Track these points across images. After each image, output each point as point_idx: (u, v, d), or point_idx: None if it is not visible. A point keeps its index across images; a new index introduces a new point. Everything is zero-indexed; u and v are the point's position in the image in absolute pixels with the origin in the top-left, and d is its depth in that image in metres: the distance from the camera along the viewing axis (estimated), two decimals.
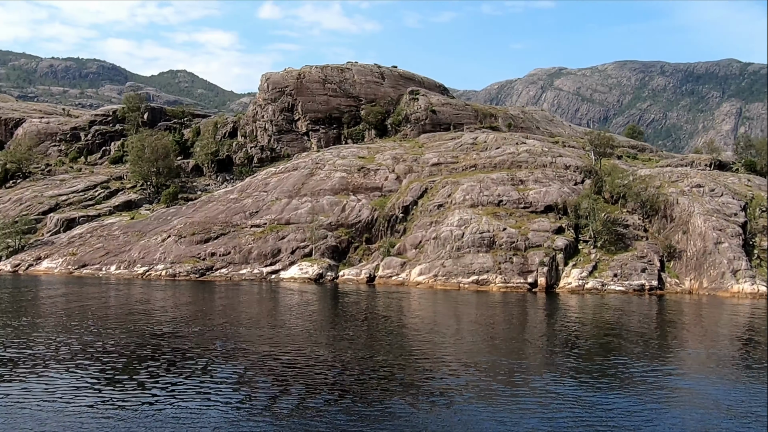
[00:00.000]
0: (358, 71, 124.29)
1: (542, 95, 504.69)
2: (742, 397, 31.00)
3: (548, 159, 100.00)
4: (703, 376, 35.31)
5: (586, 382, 32.98)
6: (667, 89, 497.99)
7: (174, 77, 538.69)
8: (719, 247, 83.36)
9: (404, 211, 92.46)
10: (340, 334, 45.26)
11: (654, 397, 30.39)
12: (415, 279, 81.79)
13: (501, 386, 31.38)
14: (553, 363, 37.52)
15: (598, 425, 25.96)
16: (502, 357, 38.73)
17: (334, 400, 28.38)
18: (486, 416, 26.57)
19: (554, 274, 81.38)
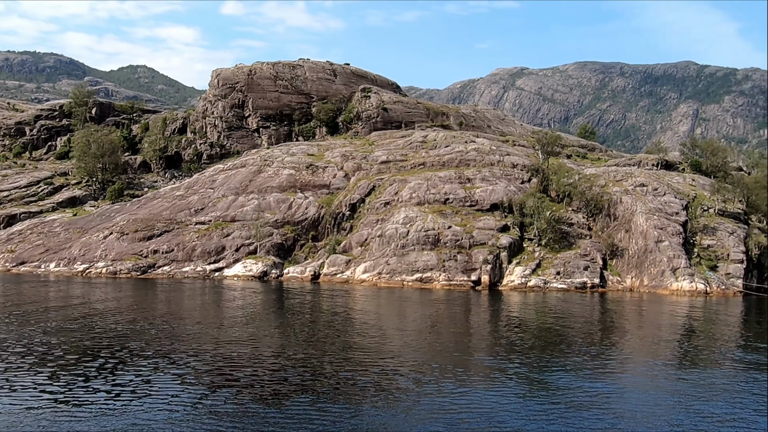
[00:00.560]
0: (310, 68, 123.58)
1: (504, 95, 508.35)
2: (683, 394, 31.35)
3: (496, 158, 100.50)
4: (643, 374, 35.57)
5: (529, 380, 33.01)
6: (627, 90, 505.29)
7: (134, 72, 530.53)
8: (660, 245, 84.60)
9: (351, 209, 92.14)
10: (284, 333, 44.61)
11: (597, 394, 30.54)
12: (359, 277, 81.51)
13: (447, 384, 31.14)
14: (495, 361, 37.40)
15: (542, 421, 25.99)
16: (446, 355, 38.59)
17: (279, 400, 27.88)
18: (432, 414, 26.37)
19: (498, 272, 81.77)
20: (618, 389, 31.68)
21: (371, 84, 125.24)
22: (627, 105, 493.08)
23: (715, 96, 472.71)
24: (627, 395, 30.58)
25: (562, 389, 30.82)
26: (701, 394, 30.65)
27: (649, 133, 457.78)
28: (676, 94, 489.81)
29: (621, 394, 30.73)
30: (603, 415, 26.94)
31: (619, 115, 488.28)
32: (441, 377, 32.29)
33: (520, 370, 34.80)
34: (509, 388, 30.79)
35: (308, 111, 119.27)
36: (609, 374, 34.71)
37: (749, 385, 32.86)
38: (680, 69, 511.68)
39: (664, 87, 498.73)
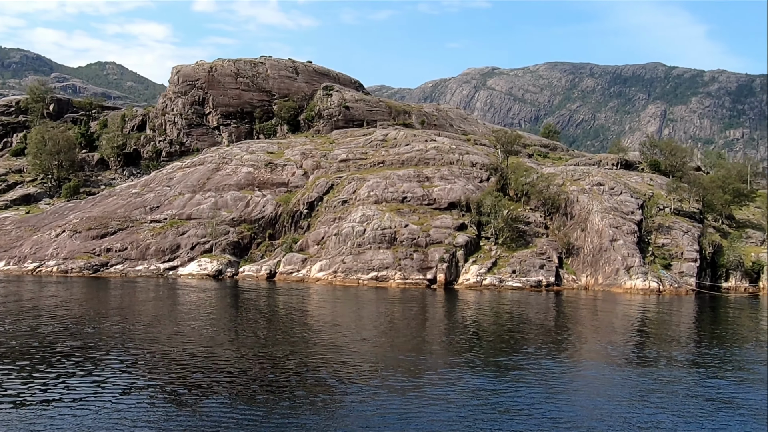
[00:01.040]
0: (272, 66, 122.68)
1: (475, 94, 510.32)
2: (637, 390, 31.47)
3: (455, 156, 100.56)
4: (595, 373, 35.53)
5: (483, 379, 32.85)
6: (596, 90, 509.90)
7: (102, 69, 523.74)
8: (615, 244, 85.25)
9: (309, 207, 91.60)
10: (235, 332, 43.80)
11: (551, 391, 30.52)
12: (315, 275, 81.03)
13: (402, 383, 30.94)
14: (451, 359, 37.24)
15: (498, 419, 25.90)
16: (401, 354, 38.24)
17: (235, 399, 27.42)
18: (388, 412, 26.19)
19: (454, 270, 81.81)
20: (572, 387, 31.68)
21: (334, 82, 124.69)
22: (596, 105, 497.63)
23: (682, 97, 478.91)
24: (580, 393, 30.65)
25: (515, 388, 30.79)
26: (652, 394, 30.72)
27: (618, 133, 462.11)
28: (645, 95, 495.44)
29: (575, 392, 30.75)
30: (557, 413, 26.95)
31: (589, 115, 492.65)
32: (396, 376, 32.04)
33: (474, 368, 34.70)
34: (464, 387, 30.65)
35: (269, 109, 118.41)
36: (562, 373, 34.63)
37: (699, 384, 33.12)
38: (649, 70, 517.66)
39: (633, 88, 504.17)
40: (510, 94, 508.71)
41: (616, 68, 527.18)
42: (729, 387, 32.54)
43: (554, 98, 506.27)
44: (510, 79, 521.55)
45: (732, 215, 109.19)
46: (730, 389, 32.10)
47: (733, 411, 28.22)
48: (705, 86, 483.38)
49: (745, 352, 43.00)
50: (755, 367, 37.88)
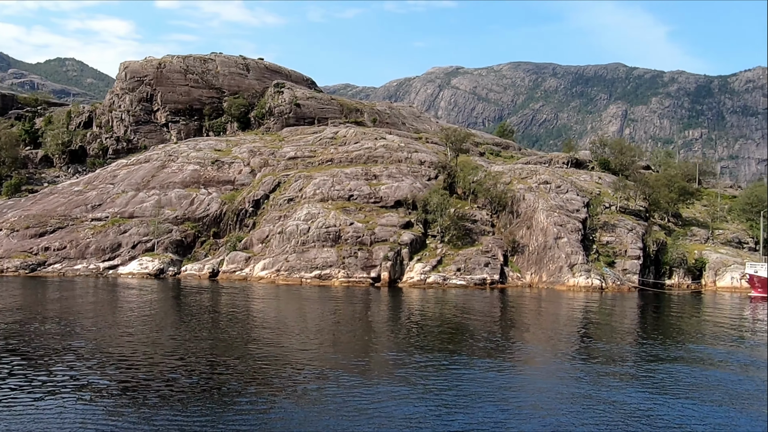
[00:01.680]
0: (222, 62, 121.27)
1: (440, 93, 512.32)
2: (578, 388, 31.24)
3: (404, 154, 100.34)
4: (535, 370, 35.16)
5: (429, 376, 32.33)
6: (559, 90, 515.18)
7: (62, 65, 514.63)
8: (559, 242, 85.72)
9: (255, 205, 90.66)
10: (175, 333, 42.29)
11: (496, 389, 30.09)
12: (258, 274, 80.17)
13: (349, 382, 30.31)
14: (393, 358, 36.48)
15: (444, 417, 25.49)
16: (346, 353, 37.51)
17: (174, 402, 26.40)
18: (335, 412, 25.64)
19: (398, 268, 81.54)
20: (516, 385, 31.26)
21: (285, 79, 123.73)
22: (559, 105, 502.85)
23: (643, 97, 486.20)
24: (522, 390, 30.34)
25: (458, 386, 30.37)
26: (594, 391, 30.60)
27: (580, 132, 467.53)
28: (606, 95, 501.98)
29: (518, 389, 30.40)
30: (499, 411, 26.62)
31: (552, 114, 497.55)
32: (342, 375, 31.38)
33: (420, 367, 34.14)
34: (411, 385, 30.15)
35: (219, 106, 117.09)
36: (506, 371, 34.22)
37: (639, 381, 33.06)
38: (610, 71, 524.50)
39: (595, 88, 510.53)
40: (474, 93, 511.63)
41: (579, 68, 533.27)
42: (667, 382, 32.71)
43: (518, 98, 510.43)
44: (474, 79, 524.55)
45: (679, 213, 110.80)
46: (668, 384, 32.32)
47: (671, 405, 28.36)
48: (665, 87, 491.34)
49: (681, 348, 43.26)
50: (696, 363, 38.17)
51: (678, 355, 40.05)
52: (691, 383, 32.47)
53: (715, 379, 33.77)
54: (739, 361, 39.21)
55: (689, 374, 34.85)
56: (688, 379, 33.40)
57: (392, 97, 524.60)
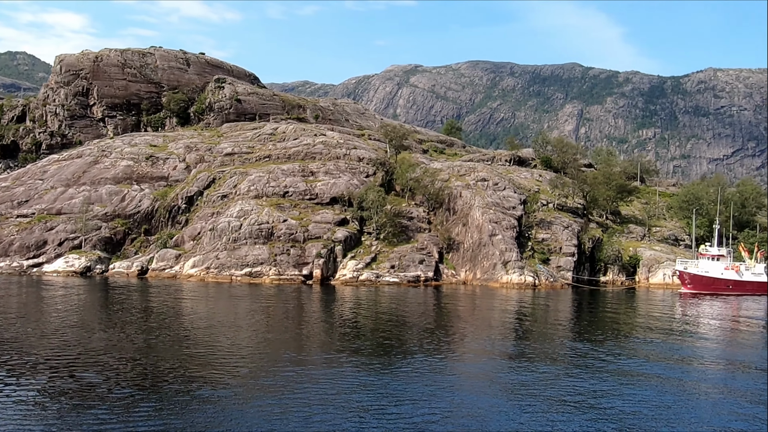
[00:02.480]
0: (162, 56, 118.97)
1: (398, 91, 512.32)
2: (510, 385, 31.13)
3: (342, 151, 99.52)
4: (464, 364, 34.77)
5: (363, 375, 31.85)
6: (516, 89, 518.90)
7: (12, 59, 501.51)
8: (494, 239, 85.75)
9: (188, 202, 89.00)
10: (97, 333, 40.76)
11: (428, 387, 29.76)
12: (187, 272, 78.66)
13: (281, 382, 29.64)
14: (328, 356, 35.86)
15: (378, 417, 25.10)
16: (278, 352, 36.60)
17: (97, 407, 25.42)
18: (267, 413, 25.14)
19: (332, 265, 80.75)
20: (447, 383, 30.96)
21: (227, 75, 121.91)
22: (516, 104, 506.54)
23: (598, 97, 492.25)
24: (456, 390, 30.00)
25: (393, 385, 29.96)
26: (526, 389, 30.48)
27: (537, 131, 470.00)
28: (563, 95, 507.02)
29: (450, 389, 30.02)
30: (429, 411, 26.30)
31: (509, 113, 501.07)
32: (275, 376, 30.86)
33: (353, 366, 33.71)
34: (344, 385, 29.74)
35: (158, 101, 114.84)
36: (436, 369, 33.81)
37: (568, 379, 32.92)
38: (566, 70, 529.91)
39: (552, 87, 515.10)
40: (432, 91, 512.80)
41: (536, 68, 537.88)
42: (599, 378, 32.98)
43: (476, 96, 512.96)
44: (432, 77, 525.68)
45: (618, 211, 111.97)
46: (601, 380, 32.59)
47: (604, 403, 28.47)
48: (619, 87, 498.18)
49: (606, 345, 43.35)
50: (621, 359, 38.42)
51: (605, 351, 40.28)
52: (620, 378, 32.82)
53: (647, 371, 34.40)
54: (667, 355, 39.75)
55: (618, 368, 35.24)
56: (618, 373, 33.85)
57: (351, 94, 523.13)
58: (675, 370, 35.21)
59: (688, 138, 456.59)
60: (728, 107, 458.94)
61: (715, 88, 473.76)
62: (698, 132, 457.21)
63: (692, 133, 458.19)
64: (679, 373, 34.70)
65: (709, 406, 28.57)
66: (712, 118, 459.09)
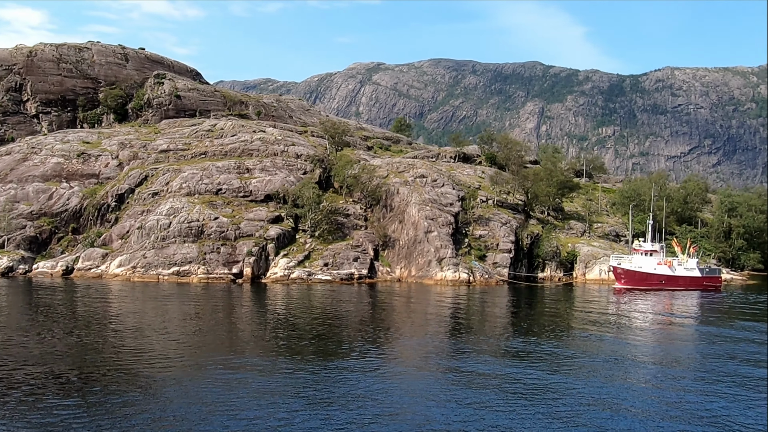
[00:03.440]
0: (99, 51, 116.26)
1: (361, 89, 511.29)
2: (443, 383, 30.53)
3: (280, 147, 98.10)
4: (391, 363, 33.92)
5: (296, 376, 30.88)
6: (478, 87, 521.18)
7: None
8: (429, 236, 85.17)
9: (118, 200, 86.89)
10: (16, 336, 39.45)
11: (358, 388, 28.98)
12: (113, 271, 76.71)
13: (212, 385, 28.57)
14: (257, 359, 34.53)
15: (309, 419, 24.35)
16: (207, 354, 35.18)
17: (28, 412, 24.29)
18: (198, 416, 24.37)
19: (263, 264, 79.44)
20: (376, 384, 30.10)
21: (168, 70, 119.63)
22: (478, 102, 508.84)
23: (559, 95, 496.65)
24: (386, 389, 29.20)
25: (325, 387, 29.08)
26: (460, 387, 29.82)
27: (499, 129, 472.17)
28: (524, 93, 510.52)
29: (380, 389, 29.21)
30: (363, 411, 25.61)
31: (471, 111, 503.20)
32: (205, 379, 29.78)
33: (286, 367, 32.64)
34: (276, 386, 28.88)
35: (95, 97, 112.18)
36: (365, 370, 32.84)
37: (506, 374, 32.57)
38: (528, 69, 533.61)
39: (513, 85, 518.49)
40: (395, 89, 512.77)
41: (497, 66, 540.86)
42: (534, 374, 32.71)
43: (438, 94, 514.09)
44: (395, 75, 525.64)
45: (561, 207, 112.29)
46: (536, 376, 32.29)
47: (540, 398, 28.13)
48: (580, 85, 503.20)
49: (534, 340, 42.89)
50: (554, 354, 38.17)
51: (533, 348, 39.95)
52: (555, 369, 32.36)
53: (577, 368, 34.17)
54: (596, 350, 39.52)
55: (548, 363, 34.83)
56: (549, 369, 33.60)
57: (313, 92, 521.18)
58: (604, 365, 35.14)
59: (646, 136, 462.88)
60: (685, 105, 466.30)
61: (673, 87, 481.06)
62: (656, 130, 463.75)
63: (650, 130, 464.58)
64: (609, 369, 34.48)
65: (641, 398, 28.67)
66: (669, 116, 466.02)
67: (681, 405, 27.46)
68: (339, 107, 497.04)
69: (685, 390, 30.11)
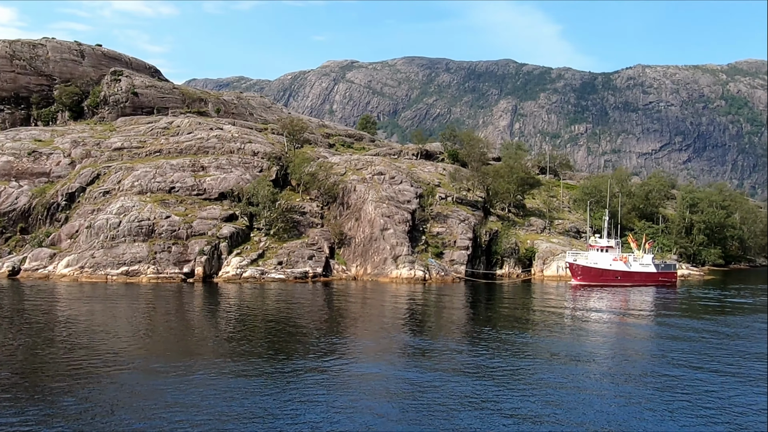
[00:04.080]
0: (54, 48, 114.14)
1: (335, 87, 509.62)
2: None
3: (237, 145, 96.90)
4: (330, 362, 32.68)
5: (250, 379, 29.99)
6: (452, 85, 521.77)
7: None
8: (385, 233, 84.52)
9: (69, 199, 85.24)
10: None
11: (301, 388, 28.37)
12: (61, 272, 75.12)
13: (163, 389, 27.66)
14: (210, 361, 33.54)
15: (260, 421, 23.82)
16: (156, 358, 34.06)
17: None
18: (143, 415, 24.02)
19: (216, 263, 78.27)
20: (326, 385, 29.48)
21: (125, 67, 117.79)
22: (452, 100, 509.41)
23: (531, 93, 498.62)
24: (333, 390, 28.64)
25: (282, 389, 28.38)
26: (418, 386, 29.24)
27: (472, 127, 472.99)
28: (497, 91, 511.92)
29: (331, 390, 28.66)
30: (315, 413, 25.09)
31: (445, 109, 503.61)
32: (156, 382, 29.00)
33: (240, 370, 31.81)
34: (228, 389, 28.15)
35: (50, 94, 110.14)
36: (307, 372, 32.08)
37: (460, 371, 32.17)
38: (501, 66, 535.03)
39: (486, 83, 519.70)
40: (369, 87, 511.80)
41: (471, 64, 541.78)
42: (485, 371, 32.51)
43: (412, 92, 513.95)
44: (369, 73, 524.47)
45: (523, 204, 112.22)
46: (490, 373, 32.11)
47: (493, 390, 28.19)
48: (552, 83, 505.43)
49: (487, 338, 42.32)
50: None
51: (487, 347, 39.53)
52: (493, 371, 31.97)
53: None
54: (547, 349, 39.14)
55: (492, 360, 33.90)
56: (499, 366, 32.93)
57: (287, 90, 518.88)
58: (557, 365, 34.82)
59: (618, 133, 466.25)
60: (656, 103, 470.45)
61: (644, 84, 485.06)
62: (628, 127, 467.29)
63: (622, 128, 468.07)
64: (563, 368, 34.13)
65: (598, 397, 28.43)
66: (641, 113, 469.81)
67: (632, 402, 27.35)
68: (313, 105, 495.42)
69: (638, 387, 29.95)
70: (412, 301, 63.93)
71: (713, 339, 43.19)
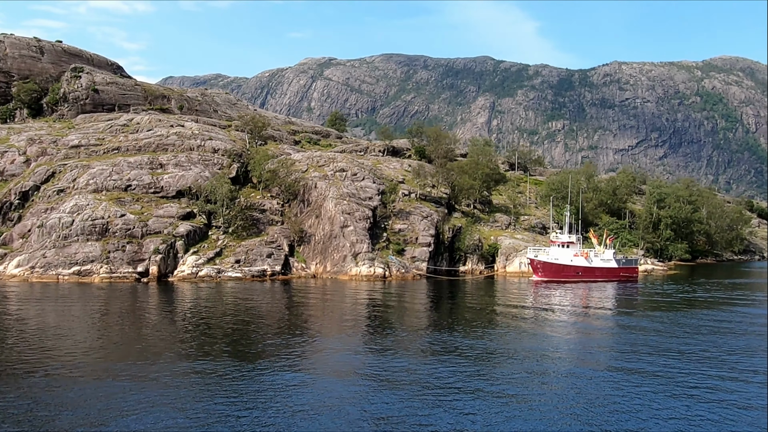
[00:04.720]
0: (12, 44, 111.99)
1: (312, 84, 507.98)
2: None
3: (197, 142, 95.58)
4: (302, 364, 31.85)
5: (208, 383, 29.00)
6: (430, 82, 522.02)
7: None
8: (345, 230, 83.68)
9: (22, 197, 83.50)
10: None
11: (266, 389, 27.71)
12: (11, 272, 73.45)
13: (120, 394, 26.71)
14: (163, 367, 32.27)
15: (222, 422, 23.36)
16: (113, 361, 32.92)
17: None
18: (96, 418, 23.50)
19: (171, 262, 76.96)
20: (288, 384, 28.91)
21: (87, 64, 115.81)
22: (430, 97, 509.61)
23: (509, 90, 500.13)
24: (297, 390, 28.10)
25: (220, 388, 27.93)
26: None
27: (450, 124, 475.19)
28: (475, 88, 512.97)
29: (293, 389, 28.15)
30: (278, 412, 24.70)
31: (423, 106, 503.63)
32: (113, 386, 28.03)
33: (196, 374, 30.78)
34: (177, 391, 27.48)
35: (7, 91, 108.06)
36: (266, 371, 31.41)
37: None
38: (479, 63, 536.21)
39: (464, 80, 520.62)
40: (347, 84, 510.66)
41: (449, 61, 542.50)
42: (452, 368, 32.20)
43: (390, 89, 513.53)
44: (347, 70, 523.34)
45: (489, 200, 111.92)
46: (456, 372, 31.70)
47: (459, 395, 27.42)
48: (530, 80, 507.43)
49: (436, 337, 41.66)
50: None
51: (445, 344, 39.07)
52: None
53: None
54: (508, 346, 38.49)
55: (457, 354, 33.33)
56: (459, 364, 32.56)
57: (264, 87, 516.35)
58: (516, 361, 34.57)
59: (595, 129, 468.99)
60: (632, 99, 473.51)
61: (620, 81, 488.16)
62: (605, 123, 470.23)
63: (599, 124, 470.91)
64: (523, 365, 33.85)
65: (555, 392, 28.33)
66: (617, 109, 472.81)
67: (594, 399, 27.29)
68: (291, 103, 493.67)
69: (598, 384, 29.88)
70: (373, 300, 62.97)
71: (656, 336, 42.95)
